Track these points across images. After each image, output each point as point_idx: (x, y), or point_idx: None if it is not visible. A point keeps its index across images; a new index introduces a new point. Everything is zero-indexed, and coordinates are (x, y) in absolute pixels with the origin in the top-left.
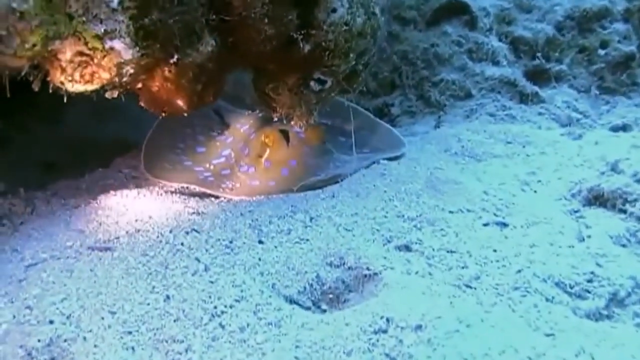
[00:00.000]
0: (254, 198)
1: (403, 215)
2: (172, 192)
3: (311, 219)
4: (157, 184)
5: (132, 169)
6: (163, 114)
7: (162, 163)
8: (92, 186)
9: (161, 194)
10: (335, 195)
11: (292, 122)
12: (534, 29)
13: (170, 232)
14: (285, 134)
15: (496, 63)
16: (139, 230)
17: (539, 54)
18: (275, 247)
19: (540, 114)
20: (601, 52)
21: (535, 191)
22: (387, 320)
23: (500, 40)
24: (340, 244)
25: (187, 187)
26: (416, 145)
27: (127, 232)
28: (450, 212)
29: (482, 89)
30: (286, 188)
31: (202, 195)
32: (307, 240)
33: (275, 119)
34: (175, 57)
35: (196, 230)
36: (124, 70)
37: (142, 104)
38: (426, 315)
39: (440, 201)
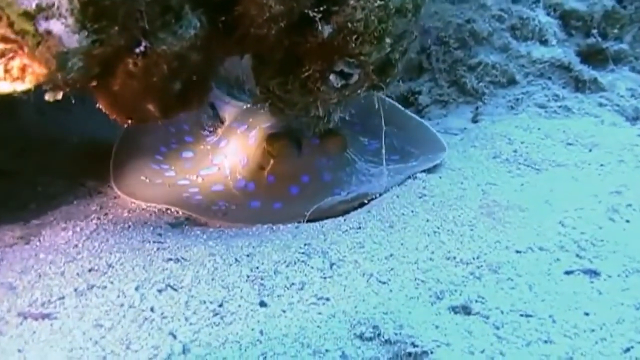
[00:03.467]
0: (254, 229)
1: (454, 258)
2: (143, 224)
3: (332, 265)
4: (127, 207)
5: (99, 181)
6: (129, 122)
7: (137, 174)
8: (43, 209)
9: (128, 226)
10: (362, 227)
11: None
12: (588, 1)
13: (137, 289)
14: (294, 141)
15: (544, 42)
16: (92, 287)
17: (594, 31)
18: (284, 311)
19: (601, 105)
20: None
21: (627, 221)
22: None
23: (548, 14)
24: (372, 305)
25: (168, 211)
26: (457, 149)
27: (75, 290)
28: (518, 252)
29: (529, 74)
30: (296, 213)
31: (183, 226)
32: (327, 299)
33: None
34: (143, 44)
35: (173, 287)
36: (69, 64)
37: (100, 106)
38: None
39: (502, 235)
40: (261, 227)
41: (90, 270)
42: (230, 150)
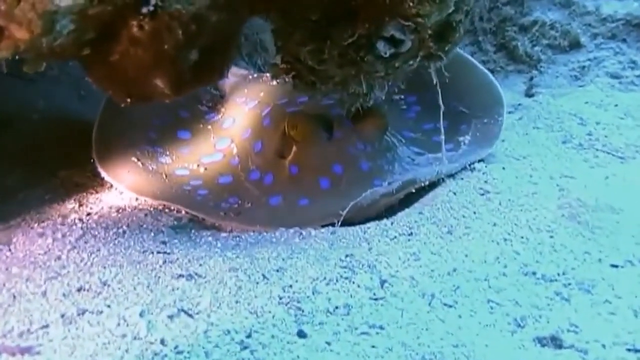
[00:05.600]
0: (278, 234)
1: (534, 273)
2: (140, 228)
3: (382, 282)
4: (114, 204)
5: (73, 170)
6: (128, 101)
7: (127, 155)
8: (6, 206)
9: (123, 232)
10: (415, 232)
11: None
12: None
13: (142, 315)
14: (323, 122)
15: None
16: (83, 312)
17: None
18: (328, 344)
19: None
20: None
21: None
22: None
23: None
24: (439, 335)
25: (166, 209)
26: (516, 131)
27: (62, 316)
28: (614, 266)
29: (597, 35)
30: (328, 212)
31: (189, 230)
32: (382, 328)
33: (306, 97)
34: (152, 2)
35: (187, 312)
36: (58, 26)
37: (91, 80)
38: None
39: (592, 244)
40: (286, 232)
41: (79, 290)
42: (238, 132)
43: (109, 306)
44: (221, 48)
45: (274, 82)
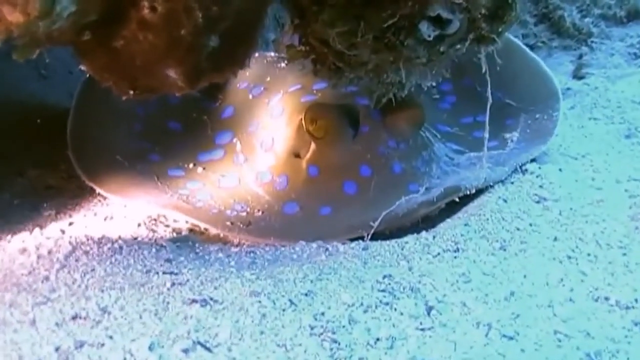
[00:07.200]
0: (298, 249)
1: (607, 299)
2: (136, 242)
3: (429, 309)
4: (97, 211)
5: (43, 169)
6: (132, 93)
7: (108, 153)
8: None
9: (119, 247)
10: (462, 248)
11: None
12: None
13: (151, 349)
14: (347, 115)
15: None
16: (81, 345)
17: None
18: None
19: None
20: None
21: None
22: None
23: None
24: None
25: (160, 217)
26: (569, 123)
27: (56, 349)
28: None
29: None
30: (356, 223)
31: (194, 245)
32: None
33: (323, 82)
34: None
35: (204, 346)
36: (58, 8)
37: (86, 69)
38: None
39: None
40: (308, 247)
41: (74, 318)
42: (242, 125)
43: (111, 337)
44: (244, 34)
45: (282, 65)
